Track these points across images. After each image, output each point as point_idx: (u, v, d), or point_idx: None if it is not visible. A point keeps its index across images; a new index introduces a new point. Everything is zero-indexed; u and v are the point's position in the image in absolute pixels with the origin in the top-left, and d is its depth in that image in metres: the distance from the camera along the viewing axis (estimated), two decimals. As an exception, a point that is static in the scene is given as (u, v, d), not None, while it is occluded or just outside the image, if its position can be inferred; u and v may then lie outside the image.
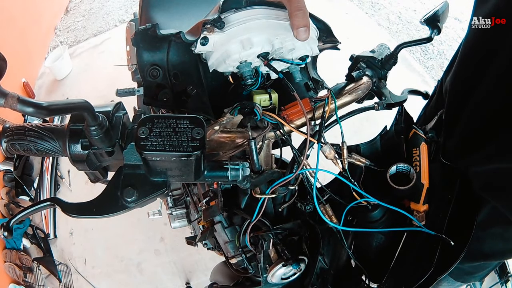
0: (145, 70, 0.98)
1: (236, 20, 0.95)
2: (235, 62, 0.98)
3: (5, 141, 0.85)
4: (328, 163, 1.03)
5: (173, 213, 2.53)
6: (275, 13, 0.97)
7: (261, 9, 0.97)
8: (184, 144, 0.73)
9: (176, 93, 0.99)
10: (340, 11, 5.24)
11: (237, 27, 0.94)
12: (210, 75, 1.10)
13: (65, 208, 0.81)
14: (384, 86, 1.20)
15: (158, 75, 0.98)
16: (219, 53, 0.97)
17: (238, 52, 0.95)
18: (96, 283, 3.51)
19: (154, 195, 0.82)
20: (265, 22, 0.94)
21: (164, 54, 0.99)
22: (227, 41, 0.95)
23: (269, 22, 0.95)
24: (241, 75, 1.01)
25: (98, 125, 0.79)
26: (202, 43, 0.94)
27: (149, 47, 0.97)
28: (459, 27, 4.93)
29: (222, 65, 0.99)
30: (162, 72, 0.99)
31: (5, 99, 0.59)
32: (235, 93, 1.11)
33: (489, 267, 1.27)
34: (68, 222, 3.82)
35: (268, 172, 0.96)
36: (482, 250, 1.12)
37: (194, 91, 0.98)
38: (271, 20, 0.95)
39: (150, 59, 0.98)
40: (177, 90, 0.99)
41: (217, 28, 0.93)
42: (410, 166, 1.01)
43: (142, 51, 0.97)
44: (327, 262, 1.15)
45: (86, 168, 0.88)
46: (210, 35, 0.94)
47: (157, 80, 0.99)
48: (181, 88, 0.99)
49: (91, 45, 5.47)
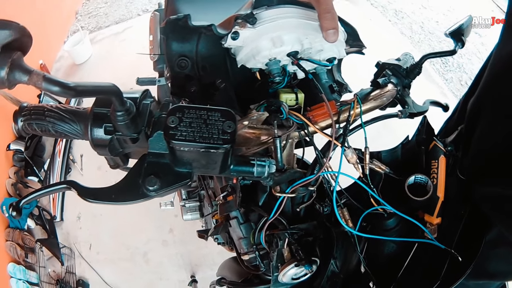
0: (173, 60, 0.98)
1: (268, 17, 0.95)
2: (264, 59, 0.98)
3: (22, 120, 0.85)
4: (346, 167, 1.02)
5: (186, 205, 2.52)
6: (306, 13, 0.97)
7: (292, 8, 0.97)
8: (215, 136, 0.73)
9: (204, 85, 0.99)
10: (365, 17, 5.22)
11: (269, 24, 0.94)
12: (237, 70, 1.10)
13: (82, 192, 0.81)
14: (407, 95, 1.20)
15: (186, 66, 0.98)
16: (248, 49, 0.97)
17: (269, 49, 0.95)
18: (100, 269, 3.52)
19: (177, 185, 0.82)
20: (296, 21, 0.94)
21: (194, 45, 0.99)
22: (258, 37, 0.95)
23: (300, 21, 0.95)
24: (269, 73, 1.01)
25: (125, 111, 0.79)
26: (233, 37, 0.95)
27: (179, 37, 0.97)
28: (479, 42, 4.91)
29: (251, 61, 0.99)
30: (190, 64, 0.99)
31: (30, 76, 0.59)
32: (261, 90, 1.11)
33: (491, 286, 1.27)
34: (76, 206, 3.84)
35: (291, 171, 0.96)
36: (487, 269, 1.12)
37: (223, 85, 0.97)
38: (302, 19, 0.95)
39: (179, 49, 0.98)
40: (205, 83, 0.99)
41: (249, 24, 0.93)
42: (428, 178, 1.01)
43: (172, 41, 0.97)
44: (338, 266, 1.15)
45: (107, 153, 0.87)
46: (241, 30, 0.94)
47: (185, 71, 0.98)
48: (209, 81, 0.99)
49: (112, 32, 5.48)
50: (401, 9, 5.41)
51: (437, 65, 4.67)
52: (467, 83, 4.43)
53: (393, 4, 5.48)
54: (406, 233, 1.03)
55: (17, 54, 0.60)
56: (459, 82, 4.47)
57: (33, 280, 3.40)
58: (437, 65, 4.66)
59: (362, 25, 4.96)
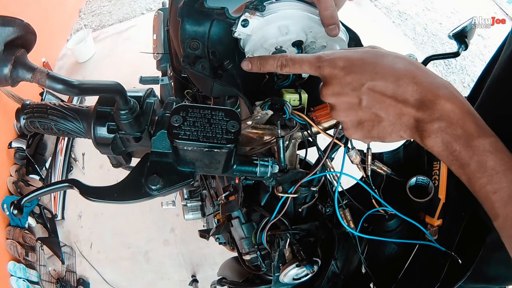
0: (185, 42, 0.98)
1: (276, 7, 0.96)
2: (271, 47, 0.98)
3: (24, 118, 0.85)
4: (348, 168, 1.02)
5: (188, 204, 2.52)
6: (310, 9, 0.98)
7: (299, 3, 0.98)
8: (219, 136, 0.73)
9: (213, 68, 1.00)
10: (368, 18, 5.23)
11: (277, 13, 0.95)
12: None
13: (84, 191, 0.81)
14: (411, 96, 1.20)
15: (198, 47, 0.99)
16: (257, 38, 0.98)
17: (275, 37, 0.96)
18: (100, 268, 3.53)
19: (179, 185, 0.81)
20: (302, 13, 0.95)
21: (206, 30, 0.99)
22: (266, 25, 0.95)
23: (306, 14, 0.95)
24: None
25: (129, 110, 0.79)
26: (243, 24, 0.95)
27: (193, 20, 0.98)
28: (482, 44, 4.91)
29: (259, 50, 1.00)
30: (201, 47, 1.00)
31: (33, 73, 0.59)
32: (268, 86, 1.11)
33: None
34: (78, 204, 3.84)
35: (293, 171, 0.96)
36: (486, 273, 1.12)
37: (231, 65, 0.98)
38: (307, 13, 0.96)
39: (192, 32, 0.99)
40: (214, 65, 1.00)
41: (258, 12, 0.94)
42: (430, 180, 1.01)
43: (186, 23, 0.98)
44: (339, 267, 1.15)
45: (110, 152, 0.87)
46: (250, 18, 0.94)
47: (196, 53, 0.99)
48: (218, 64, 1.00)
49: (115, 30, 5.50)
50: (405, 10, 5.42)
51: (440, 67, 4.67)
52: (470, 85, 4.43)
53: (397, 5, 5.49)
54: (407, 234, 1.03)
55: (20, 51, 0.60)
56: (462, 84, 4.47)
57: (33, 279, 3.41)
58: (440, 67, 4.66)
59: (366, 26, 5.01)
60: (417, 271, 1.01)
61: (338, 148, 1.00)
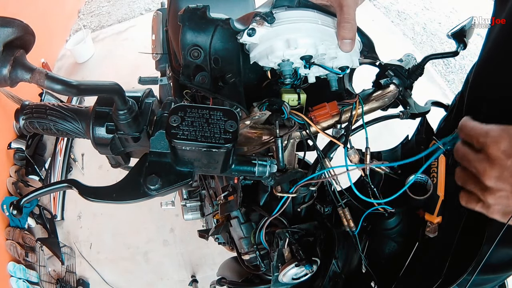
0: (186, 49, 0.97)
1: (286, 18, 0.94)
2: (277, 59, 0.97)
3: (23, 119, 0.85)
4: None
5: (187, 205, 2.52)
6: (325, 19, 0.97)
7: (312, 12, 0.96)
8: (217, 135, 0.74)
9: (214, 78, 0.99)
10: (367, 18, 5.22)
11: (286, 25, 0.94)
12: (249, 67, 1.10)
13: (83, 191, 0.81)
14: (409, 95, 1.19)
15: (199, 56, 0.98)
16: (263, 47, 0.97)
17: (283, 50, 0.94)
18: (100, 268, 3.52)
19: (178, 184, 0.82)
20: (314, 26, 0.94)
21: (209, 37, 0.98)
22: (274, 36, 0.94)
23: (318, 26, 0.94)
24: (281, 73, 1.01)
25: (127, 110, 0.79)
26: (249, 34, 0.94)
27: (195, 27, 0.97)
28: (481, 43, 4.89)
29: (264, 59, 0.99)
30: (203, 54, 0.99)
31: (32, 74, 0.59)
32: (269, 89, 1.11)
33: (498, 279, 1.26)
34: (77, 205, 3.84)
35: (292, 171, 0.96)
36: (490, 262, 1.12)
37: (232, 80, 0.97)
38: (320, 25, 0.95)
39: (193, 39, 0.98)
40: (215, 75, 0.99)
41: (267, 22, 0.93)
42: (428, 177, 1.01)
43: (187, 30, 0.97)
44: (340, 266, 1.15)
45: (109, 152, 0.88)
46: (258, 28, 0.93)
47: (197, 61, 0.98)
48: (219, 74, 0.99)
49: (114, 31, 5.50)
50: (404, 10, 5.41)
51: (439, 66, 4.67)
52: (469, 85, 4.42)
53: (395, 5, 5.48)
54: (408, 232, 1.04)
55: (19, 52, 0.60)
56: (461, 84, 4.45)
57: (33, 279, 3.40)
58: (439, 67, 4.66)
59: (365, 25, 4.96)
60: (418, 269, 1.01)
61: (336, 148, 1.00)
